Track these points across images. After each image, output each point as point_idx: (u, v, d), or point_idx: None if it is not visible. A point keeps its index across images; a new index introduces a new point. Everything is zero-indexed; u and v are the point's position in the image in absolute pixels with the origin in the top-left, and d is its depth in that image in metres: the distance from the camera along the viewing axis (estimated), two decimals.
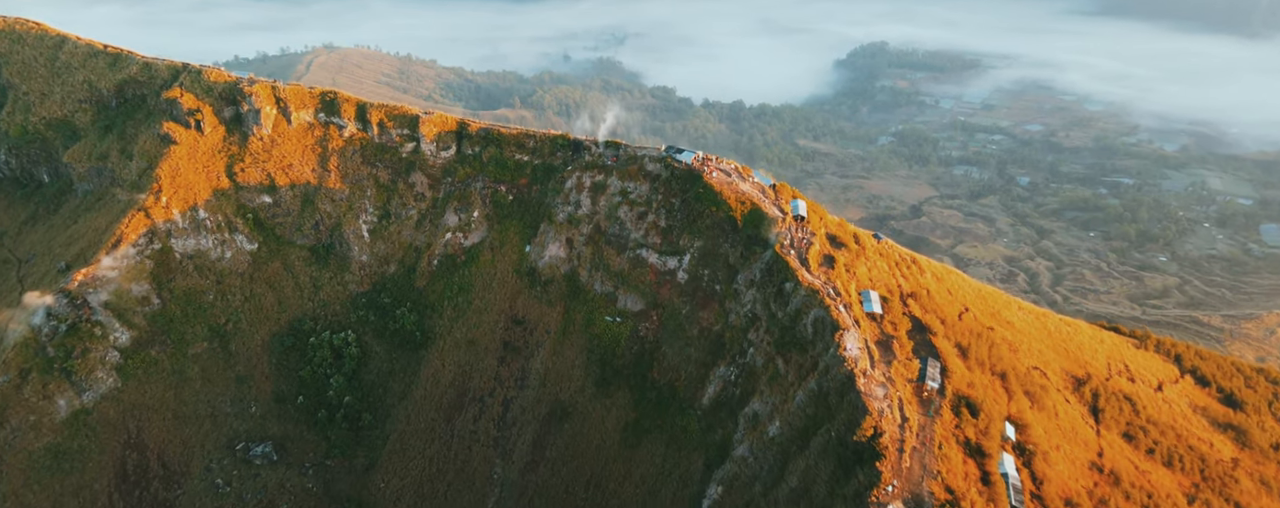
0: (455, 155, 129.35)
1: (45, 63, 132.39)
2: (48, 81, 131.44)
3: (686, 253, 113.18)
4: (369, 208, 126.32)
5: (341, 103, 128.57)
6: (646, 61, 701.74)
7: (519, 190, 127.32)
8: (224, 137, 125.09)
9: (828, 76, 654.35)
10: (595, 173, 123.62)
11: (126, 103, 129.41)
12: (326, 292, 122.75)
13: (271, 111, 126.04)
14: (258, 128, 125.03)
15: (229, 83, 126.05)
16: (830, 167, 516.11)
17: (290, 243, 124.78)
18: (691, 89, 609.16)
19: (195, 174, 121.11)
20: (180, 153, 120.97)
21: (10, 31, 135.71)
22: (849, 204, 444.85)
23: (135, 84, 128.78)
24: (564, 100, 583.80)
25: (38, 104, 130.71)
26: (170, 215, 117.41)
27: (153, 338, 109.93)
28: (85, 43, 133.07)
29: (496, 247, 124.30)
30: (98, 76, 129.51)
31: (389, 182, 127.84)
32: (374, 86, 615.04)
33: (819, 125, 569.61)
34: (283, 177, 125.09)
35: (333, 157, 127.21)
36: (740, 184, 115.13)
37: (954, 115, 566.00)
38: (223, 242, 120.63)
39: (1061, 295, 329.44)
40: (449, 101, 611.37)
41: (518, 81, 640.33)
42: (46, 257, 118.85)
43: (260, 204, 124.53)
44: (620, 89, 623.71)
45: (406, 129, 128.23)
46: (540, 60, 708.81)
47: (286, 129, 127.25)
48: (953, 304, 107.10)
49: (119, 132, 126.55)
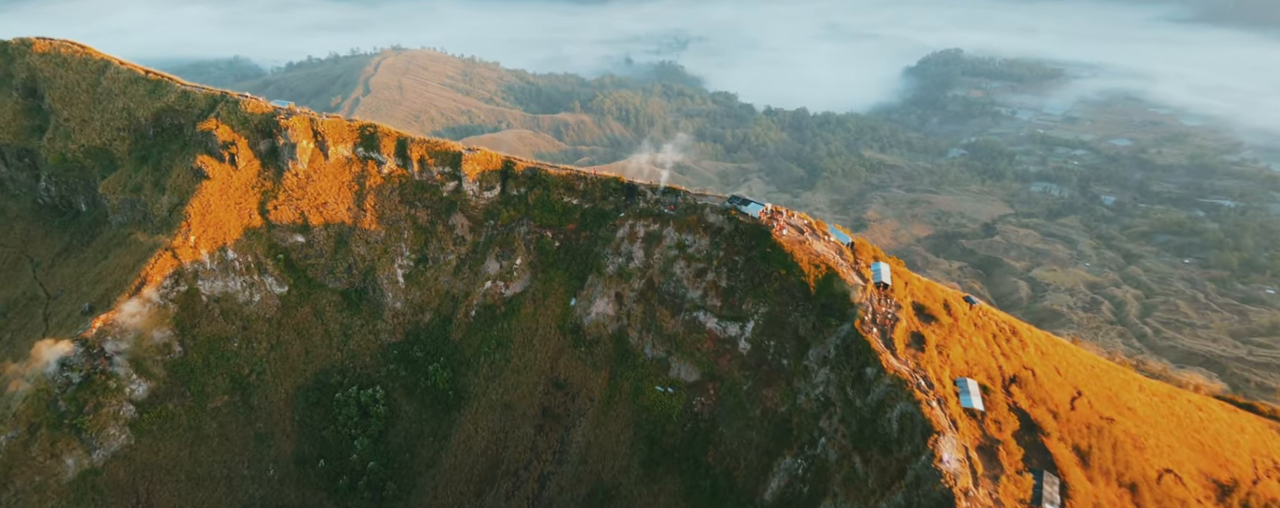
0: (499, 196, 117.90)
1: (87, 88, 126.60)
2: (89, 108, 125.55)
3: (750, 319, 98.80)
4: (405, 251, 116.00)
5: (381, 137, 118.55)
6: (708, 66, 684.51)
7: (566, 237, 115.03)
8: (258, 171, 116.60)
9: (896, 85, 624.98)
10: (650, 222, 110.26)
11: (163, 132, 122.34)
12: (357, 341, 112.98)
13: (308, 146, 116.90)
14: (293, 163, 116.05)
15: (266, 114, 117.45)
16: (896, 179, 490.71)
17: (321, 286, 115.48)
18: (753, 95, 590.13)
19: (226, 211, 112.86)
20: (212, 188, 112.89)
21: (55, 54, 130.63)
22: (915, 220, 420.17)
23: (173, 113, 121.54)
24: (624, 105, 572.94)
25: (78, 131, 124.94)
26: (198, 256, 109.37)
27: (171, 390, 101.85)
28: (127, 68, 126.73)
29: (539, 299, 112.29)
30: (137, 104, 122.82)
31: (428, 223, 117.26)
32: (438, 88, 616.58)
33: (885, 136, 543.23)
34: (316, 215, 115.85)
35: (370, 195, 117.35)
36: (814, 243, 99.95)
37: (1032, 128, 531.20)
38: (251, 284, 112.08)
39: (1152, 328, 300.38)
40: (510, 104, 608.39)
41: (578, 85, 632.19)
42: (74, 294, 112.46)
43: (292, 244, 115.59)
44: (681, 95, 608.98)
45: (448, 167, 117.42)
46: (602, 63, 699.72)
47: (323, 164, 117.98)
48: (1063, 388, 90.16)
49: (154, 163, 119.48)
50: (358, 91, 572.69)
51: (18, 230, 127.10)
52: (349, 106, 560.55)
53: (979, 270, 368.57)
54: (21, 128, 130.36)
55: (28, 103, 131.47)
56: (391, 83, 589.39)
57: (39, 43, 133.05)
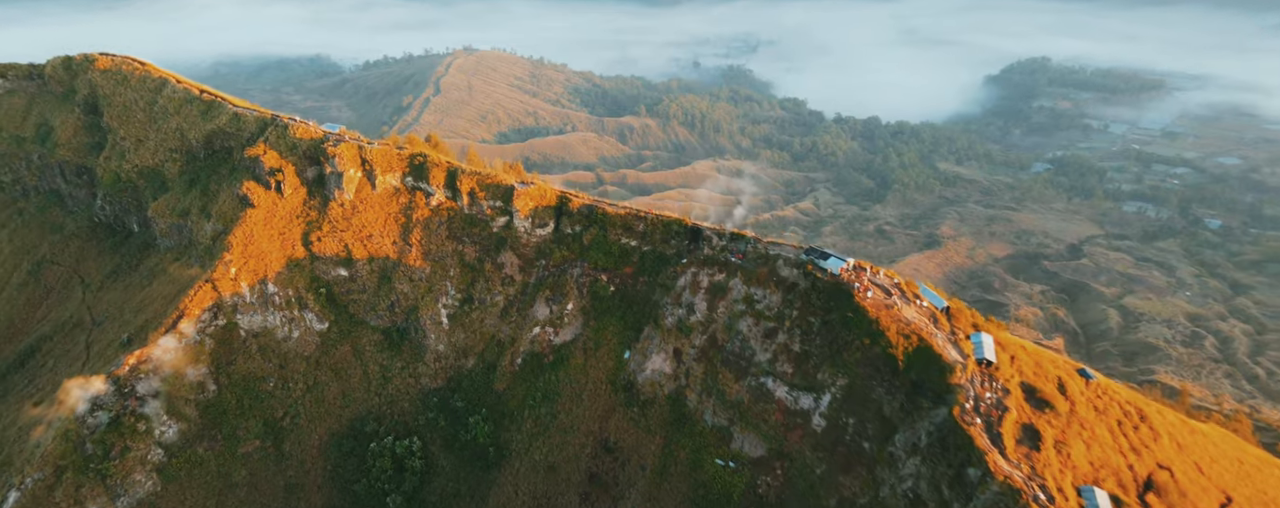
0: (552, 234, 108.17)
1: (144, 107, 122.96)
2: (144, 127, 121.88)
3: (826, 391, 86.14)
4: (450, 290, 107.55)
5: (431, 168, 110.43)
6: (777, 71, 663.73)
7: (623, 281, 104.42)
8: (304, 200, 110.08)
9: (976, 93, 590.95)
10: (715, 271, 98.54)
11: (214, 155, 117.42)
12: (396, 385, 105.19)
13: (355, 174, 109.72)
14: (340, 192, 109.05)
15: (314, 140, 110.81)
16: (974, 194, 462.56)
17: (363, 323, 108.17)
18: (823, 102, 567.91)
19: (269, 241, 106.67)
20: (256, 217, 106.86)
21: (116, 72, 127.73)
22: (993, 238, 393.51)
23: (223, 135, 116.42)
24: (690, 110, 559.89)
25: (133, 150, 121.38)
26: (238, 289, 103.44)
27: (202, 432, 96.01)
28: (183, 87, 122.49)
29: (590, 349, 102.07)
30: (189, 125, 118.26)
31: (475, 261, 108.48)
32: (506, 89, 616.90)
33: (963, 147, 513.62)
34: (361, 248, 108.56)
35: (416, 228, 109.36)
36: (903, 309, 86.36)
37: (1127, 143, 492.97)
38: (291, 319, 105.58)
39: (1265, 369, 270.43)
40: (575, 107, 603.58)
41: (645, 88, 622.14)
42: (116, 321, 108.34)
43: (335, 277, 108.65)
44: (748, 100, 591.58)
45: (499, 201, 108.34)
46: (669, 66, 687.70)
47: (370, 194, 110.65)
48: (1209, 493, 75.37)
49: (202, 187, 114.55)
50: (428, 91, 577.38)
51: (73, 249, 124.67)
52: (419, 106, 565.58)
53: (1063, 295, 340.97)
54: (81, 145, 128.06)
55: (88, 120, 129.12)
56: (461, 83, 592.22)
57: (101, 59, 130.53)
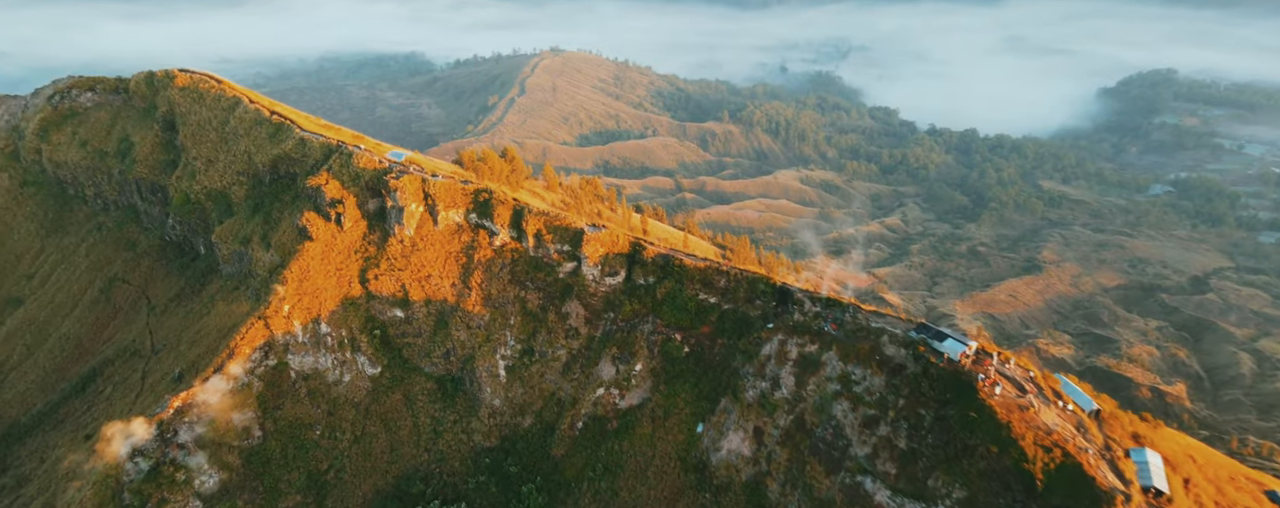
0: (623, 284, 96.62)
1: (216, 127, 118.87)
2: (215, 147, 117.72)
3: (939, 504, 71.17)
4: (510, 340, 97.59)
5: (496, 206, 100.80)
6: (868, 78, 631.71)
7: (699, 342, 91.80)
8: (364, 234, 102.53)
9: (1087, 107, 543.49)
10: (806, 340, 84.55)
11: (278, 180, 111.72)
12: (447, 441, 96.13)
13: (417, 209, 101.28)
14: (400, 228, 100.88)
15: (376, 171, 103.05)
16: (1081, 216, 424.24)
17: (417, 369, 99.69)
18: (916, 112, 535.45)
19: (326, 277, 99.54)
20: (314, 251, 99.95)
21: (193, 89, 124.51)
22: (1103, 266, 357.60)
23: (288, 161, 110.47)
24: (774, 117, 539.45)
25: (203, 171, 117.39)
26: (291, 327, 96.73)
27: (243, 483, 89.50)
28: (254, 108, 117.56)
29: (660, 417, 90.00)
30: (257, 148, 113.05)
31: (538, 309, 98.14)
32: (589, 92, 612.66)
33: (1070, 165, 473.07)
34: (418, 289, 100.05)
35: (477, 270, 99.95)
36: (1040, 409, 70.16)
37: (1265, 165, 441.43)
38: (343, 362, 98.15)
39: None
40: (657, 110, 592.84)
41: (729, 93, 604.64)
42: (172, 352, 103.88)
43: (390, 318, 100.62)
44: (836, 108, 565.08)
45: (567, 245, 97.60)
46: (756, 71, 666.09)
47: (431, 231, 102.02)
48: None
49: (265, 214, 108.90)
50: (514, 91, 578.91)
51: (143, 268, 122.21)
52: (504, 106, 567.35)
53: (1184, 334, 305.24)
54: (157, 162, 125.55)
55: (166, 137, 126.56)
56: (546, 84, 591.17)
57: (181, 76, 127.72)
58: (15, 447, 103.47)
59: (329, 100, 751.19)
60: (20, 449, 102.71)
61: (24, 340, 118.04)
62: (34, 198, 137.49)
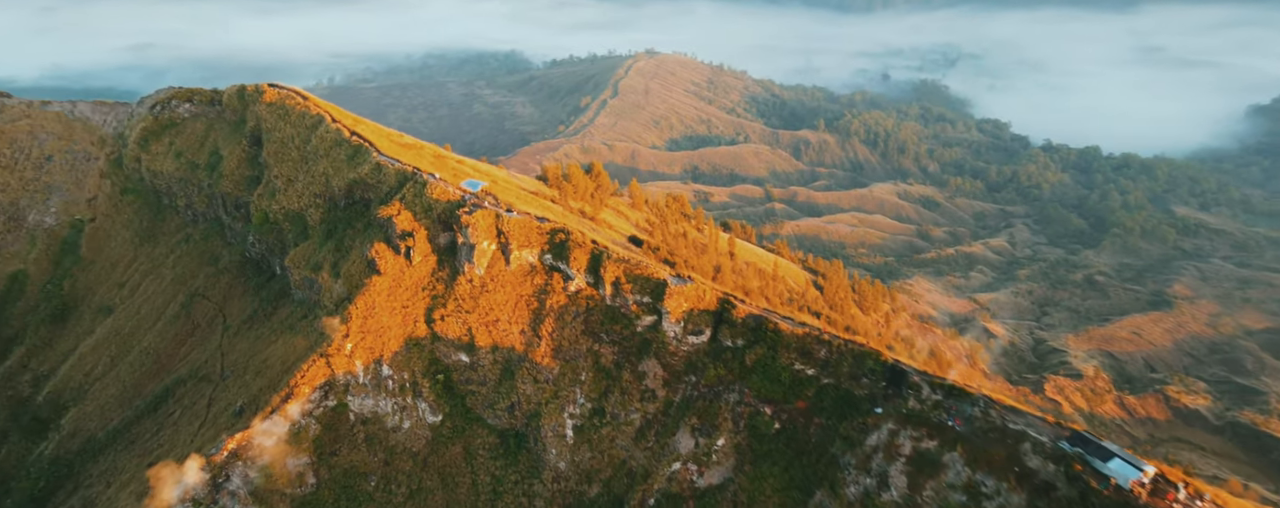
0: (707, 345, 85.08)
1: (298, 146, 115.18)
2: (295, 167, 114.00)
3: None
4: (580, 397, 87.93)
5: (572, 248, 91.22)
6: (978, 88, 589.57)
7: (792, 419, 79.21)
8: (433, 270, 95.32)
9: (1233, 126, 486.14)
10: (923, 434, 70.56)
11: (353, 206, 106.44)
12: (506, 503, 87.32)
13: (489, 248, 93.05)
14: (469, 266, 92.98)
15: (449, 203, 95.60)
16: (1222, 247, 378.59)
17: (479, 420, 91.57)
18: (1030, 126, 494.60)
19: (391, 315, 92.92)
20: (381, 286, 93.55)
21: (279, 106, 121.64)
22: (1247, 305, 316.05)
23: (364, 186, 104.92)
24: (873, 128, 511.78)
25: (283, 190, 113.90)
26: (352, 368, 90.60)
27: None
28: (335, 128, 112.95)
29: (742, 503, 78.14)
30: (334, 170, 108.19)
31: (612, 365, 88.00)
32: (682, 95, 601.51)
33: (1210, 190, 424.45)
34: (485, 334, 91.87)
35: (549, 317, 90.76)
36: None
37: None
38: (403, 407, 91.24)
39: None
40: (751, 116, 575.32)
41: (826, 100, 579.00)
42: (238, 381, 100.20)
43: (455, 362, 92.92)
44: (940, 120, 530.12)
45: (647, 297, 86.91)
46: (855, 78, 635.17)
47: (502, 271, 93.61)
48: None
49: (337, 241, 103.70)
50: (607, 93, 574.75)
51: (222, 284, 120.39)
52: (596, 108, 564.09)
53: None
54: (242, 178, 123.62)
55: (252, 152, 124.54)
56: (639, 87, 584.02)
57: (269, 91, 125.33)
58: (89, 464, 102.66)
59: (429, 96, 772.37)
60: (93, 468, 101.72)
61: (109, 351, 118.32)
62: (132, 206, 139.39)
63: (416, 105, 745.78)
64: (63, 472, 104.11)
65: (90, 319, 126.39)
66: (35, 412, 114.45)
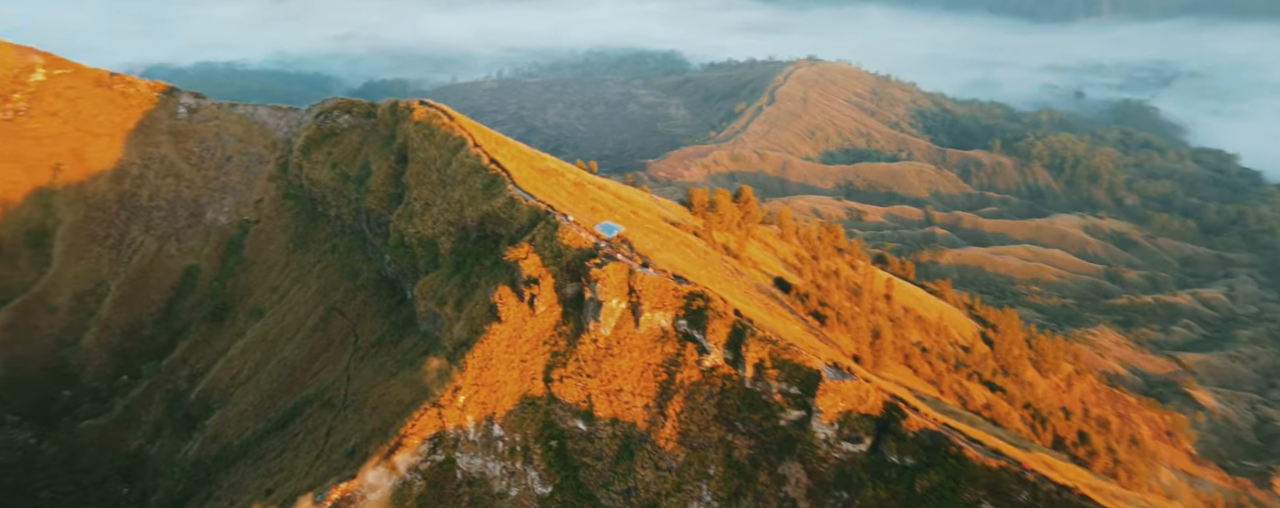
0: (866, 456, 69.08)
1: (439, 169, 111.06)
2: (433, 191, 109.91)
3: None
4: (706, 495, 75.06)
5: (711, 317, 78.31)
6: (1198, 112, 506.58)
7: None
8: (556, 323, 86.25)
9: None
10: None
11: (484, 239, 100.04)
12: None
13: (618, 306, 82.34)
14: (595, 324, 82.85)
15: (579, 251, 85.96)
16: None
17: (591, 498, 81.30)
18: (1266, 160, 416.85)
19: (508, 369, 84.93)
20: (501, 335, 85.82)
21: (425, 124, 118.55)
22: None
23: (495, 220, 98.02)
24: (1060, 152, 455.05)
25: (420, 214, 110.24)
26: (463, 422, 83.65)
27: None
28: (475, 154, 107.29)
29: None
30: (469, 200, 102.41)
31: (747, 461, 74.31)
32: (842, 105, 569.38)
33: None
34: (605, 403, 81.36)
35: (678, 394, 78.64)
36: None
37: None
38: (512, 473, 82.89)
39: None
40: (916, 132, 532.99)
41: (1005, 118, 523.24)
42: (357, 413, 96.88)
43: (571, 429, 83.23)
44: (1146, 147, 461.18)
45: (796, 387, 72.30)
46: (1042, 94, 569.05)
47: (630, 333, 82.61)
48: None
49: (464, 276, 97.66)
50: (763, 99, 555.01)
51: (358, 301, 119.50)
52: (750, 114, 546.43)
53: None
54: (386, 196, 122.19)
55: (397, 170, 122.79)
56: (796, 94, 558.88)
57: (419, 109, 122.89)
58: (220, 476, 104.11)
59: (587, 93, 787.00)
60: (224, 479, 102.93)
61: (254, 357, 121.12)
62: (290, 211, 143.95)
63: (574, 101, 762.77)
64: (201, 477, 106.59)
65: (243, 321, 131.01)
66: (187, 409, 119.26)
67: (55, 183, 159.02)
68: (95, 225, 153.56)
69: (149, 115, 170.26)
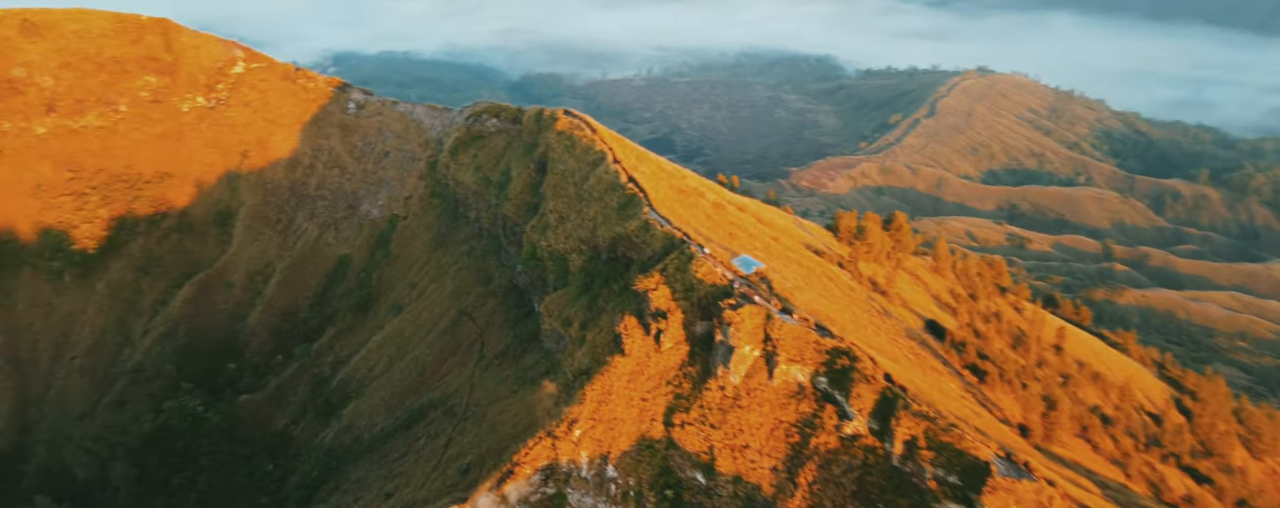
0: None
1: (576, 182, 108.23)
2: (569, 205, 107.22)
3: None
4: None
5: (856, 380, 68.64)
6: None
7: None
8: (682, 363, 79.98)
9: None
10: None
11: (615, 262, 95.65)
12: None
13: (750, 354, 74.70)
14: (724, 370, 75.71)
15: (714, 288, 79.00)
16: None
17: None
18: None
19: (627, 407, 79.84)
20: (623, 369, 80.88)
21: (567, 135, 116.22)
22: None
23: (628, 243, 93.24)
24: None
25: (554, 227, 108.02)
26: (577, 458, 79.50)
27: None
28: (614, 170, 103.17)
29: None
30: (603, 218, 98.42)
31: None
32: (1012, 122, 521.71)
33: None
34: (728, 459, 74.02)
35: (810, 462, 69.76)
36: None
37: None
38: None
39: None
40: (1100, 156, 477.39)
41: (1216, 144, 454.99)
42: (475, 427, 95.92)
43: (688, 480, 76.70)
44: None
45: (955, 476, 61.31)
46: (1266, 119, 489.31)
47: (762, 384, 74.66)
48: None
49: (591, 298, 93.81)
50: (921, 112, 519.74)
51: (488, 308, 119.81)
52: (906, 127, 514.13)
53: None
54: (523, 204, 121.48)
55: (536, 180, 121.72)
56: (960, 108, 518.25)
57: (563, 118, 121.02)
58: (349, 468, 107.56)
59: (734, 96, 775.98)
60: (352, 473, 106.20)
61: (389, 352, 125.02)
62: (436, 209, 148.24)
63: (721, 103, 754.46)
64: (333, 465, 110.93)
65: (383, 314, 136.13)
66: (328, 395, 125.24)
67: (242, 168, 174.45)
68: (269, 209, 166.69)
69: (324, 109, 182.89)
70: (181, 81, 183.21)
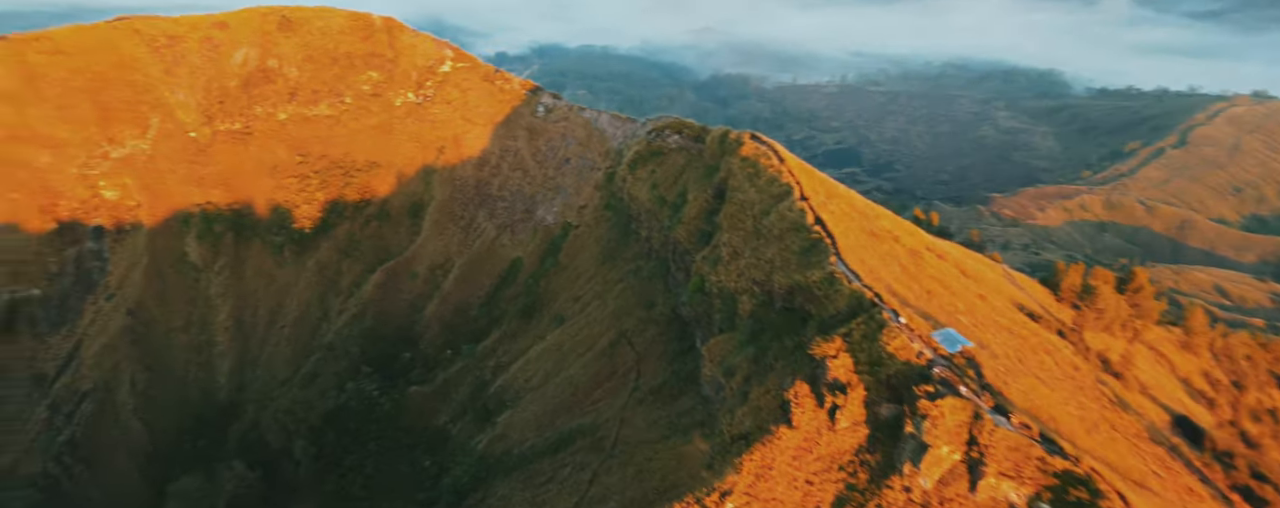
0: None
1: (755, 216, 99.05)
2: (746, 240, 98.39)
3: None
4: None
5: None
6: None
7: None
8: (858, 448, 68.59)
9: None
10: None
11: (790, 313, 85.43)
12: None
13: (948, 456, 61.77)
14: (912, 470, 63.42)
15: (907, 368, 66.67)
16: None
17: None
18: None
19: (789, 488, 69.97)
20: (788, 444, 71.18)
21: (751, 162, 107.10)
22: None
23: (807, 295, 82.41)
24: None
25: (726, 262, 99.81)
26: None
27: None
28: (799, 209, 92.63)
29: None
30: (782, 261, 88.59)
31: None
32: None
33: None
34: None
35: None
36: None
37: None
38: None
39: None
40: None
41: None
42: (620, 469, 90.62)
43: None
44: None
45: None
46: None
47: (961, 495, 61.43)
48: None
49: (758, 349, 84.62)
50: (1168, 140, 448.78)
51: (648, 335, 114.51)
52: (1145, 156, 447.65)
53: None
54: (696, 231, 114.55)
55: (713, 205, 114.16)
56: (1222, 138, 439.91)
57: (748, 143, 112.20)
58: (496, 481, 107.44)
59: (935, 109, 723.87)
60: (498, 487, 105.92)
61: (546, 365, 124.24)
62: (607, 222, 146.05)
63: (918, 117, 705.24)
64: (482, 475, 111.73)
65: (545, 324, 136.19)
66: (486, 400, 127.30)
67: (437, 163, 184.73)
68: (455, 205, 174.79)
69: (515, 110, 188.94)
70: (397, 77, 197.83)
